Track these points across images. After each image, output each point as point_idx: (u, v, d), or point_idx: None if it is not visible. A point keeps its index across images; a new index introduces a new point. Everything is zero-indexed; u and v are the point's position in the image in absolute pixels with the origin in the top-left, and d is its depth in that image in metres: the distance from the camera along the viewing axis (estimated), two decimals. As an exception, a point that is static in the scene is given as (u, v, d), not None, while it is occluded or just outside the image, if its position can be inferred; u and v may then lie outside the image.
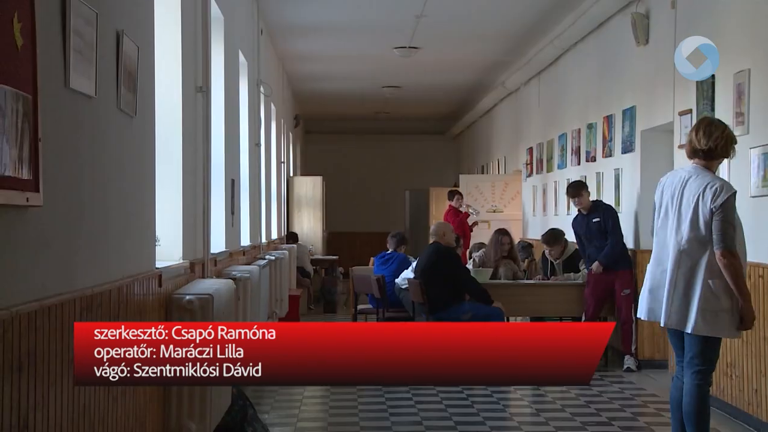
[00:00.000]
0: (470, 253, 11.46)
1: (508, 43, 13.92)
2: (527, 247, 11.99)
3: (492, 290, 9.59)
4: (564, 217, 11.40)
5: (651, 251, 5.66)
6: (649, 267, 5.61)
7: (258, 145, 11.14)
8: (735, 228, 5.34)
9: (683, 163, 8.43)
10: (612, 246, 9.63)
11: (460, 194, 14.82)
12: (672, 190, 5.47)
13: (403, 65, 15.32)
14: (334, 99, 20.25)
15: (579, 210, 9.99)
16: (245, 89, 10.21)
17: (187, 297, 5.18)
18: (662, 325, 5.51)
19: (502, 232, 10.77)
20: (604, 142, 10.87)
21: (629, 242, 9.93)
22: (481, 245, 11.29)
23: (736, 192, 5.34)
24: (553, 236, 10.33)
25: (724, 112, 7.50)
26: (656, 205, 5.59)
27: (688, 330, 5.39)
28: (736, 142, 5.48)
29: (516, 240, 13.84)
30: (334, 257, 17.85)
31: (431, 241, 9.94)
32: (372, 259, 11.50)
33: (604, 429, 6.98)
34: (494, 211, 16.18)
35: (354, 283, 10.99)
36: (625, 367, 9.53)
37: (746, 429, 6.95)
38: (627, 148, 10.01)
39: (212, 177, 7.15)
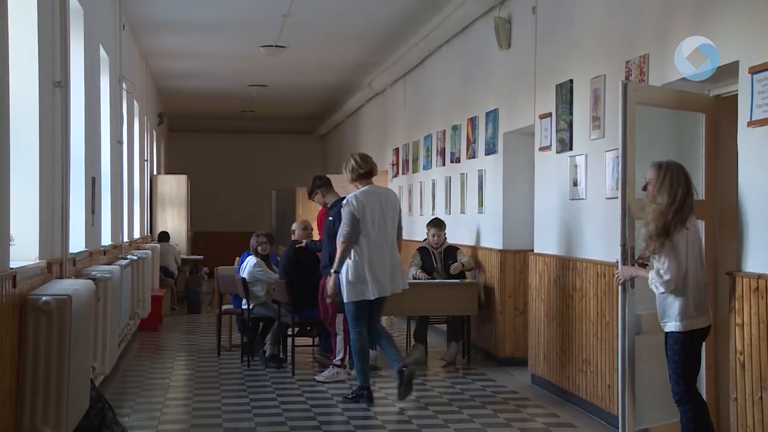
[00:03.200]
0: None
1: (374, 44, 14.02)
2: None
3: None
4: (429, 218, 11.53)
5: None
6: (370, 258, 7.82)
7: (120, 142, 10.91)
8: None
9: (543, 164, 8.70)
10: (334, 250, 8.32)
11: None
12: (376, 204, 7.95)
13: (270, 64, 15.24)
14: (200, 97, 19.98)
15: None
16: (107, 85, 9.98)
17: (44, 298, 5.02)
18: (389, 293, 7.95)
19: None
20: (468, 144, 11.07)
21: (491, 242, 10.11)
22: None
23: None
24: (439, 221, 10.42)
25: (581, 116, 7.73)
26: (359, 215, 7.85)
27: (400, 290, 8.07)
28: None
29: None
30: (199, 257, 17.63)
31: (292, 239, 9.93)
32: (237, 258, 11.39)
33: (466, 426, 7.10)
34: (360, 211, 16.23)
35: (219, 283, 10.86)
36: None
37: (599, 423, 7.17)
38: (490, 150, 10.20)
39: (71, 174, 6.98)
